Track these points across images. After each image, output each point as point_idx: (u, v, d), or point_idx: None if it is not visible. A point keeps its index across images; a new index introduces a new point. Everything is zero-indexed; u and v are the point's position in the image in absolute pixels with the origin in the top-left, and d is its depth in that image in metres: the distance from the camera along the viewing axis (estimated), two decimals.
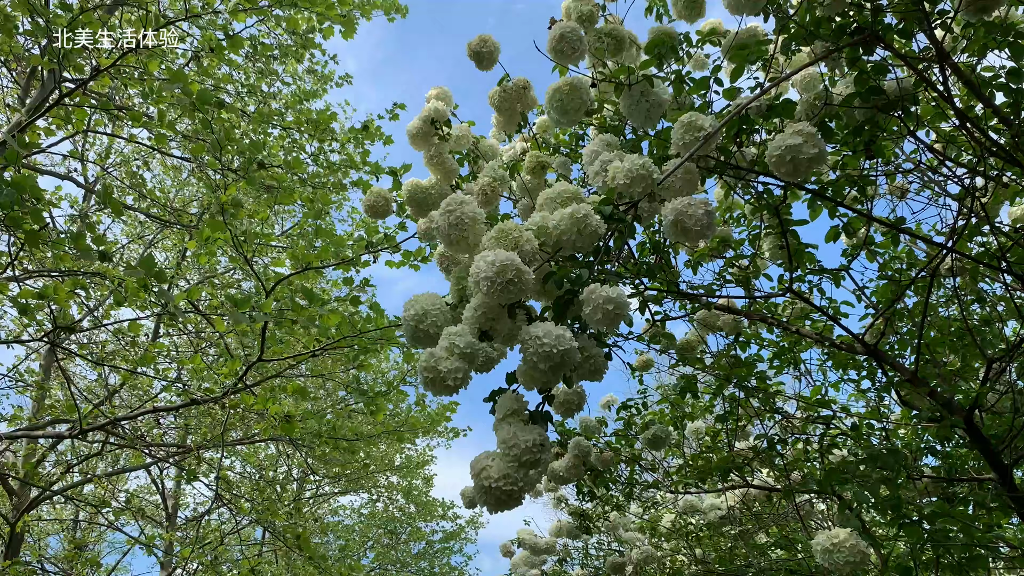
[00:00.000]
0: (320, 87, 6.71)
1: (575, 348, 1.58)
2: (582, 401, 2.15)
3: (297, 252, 4.25)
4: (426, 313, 1.80)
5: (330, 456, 7.62)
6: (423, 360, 1.65)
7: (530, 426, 1.64)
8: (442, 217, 1.88)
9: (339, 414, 7.25)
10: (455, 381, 1.65)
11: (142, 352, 5.59)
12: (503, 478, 1.56)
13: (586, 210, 1.79)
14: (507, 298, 1.64)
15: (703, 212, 1.88)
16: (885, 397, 3.93)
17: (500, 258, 1.61)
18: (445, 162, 2.75)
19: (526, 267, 1.65)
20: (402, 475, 12.53)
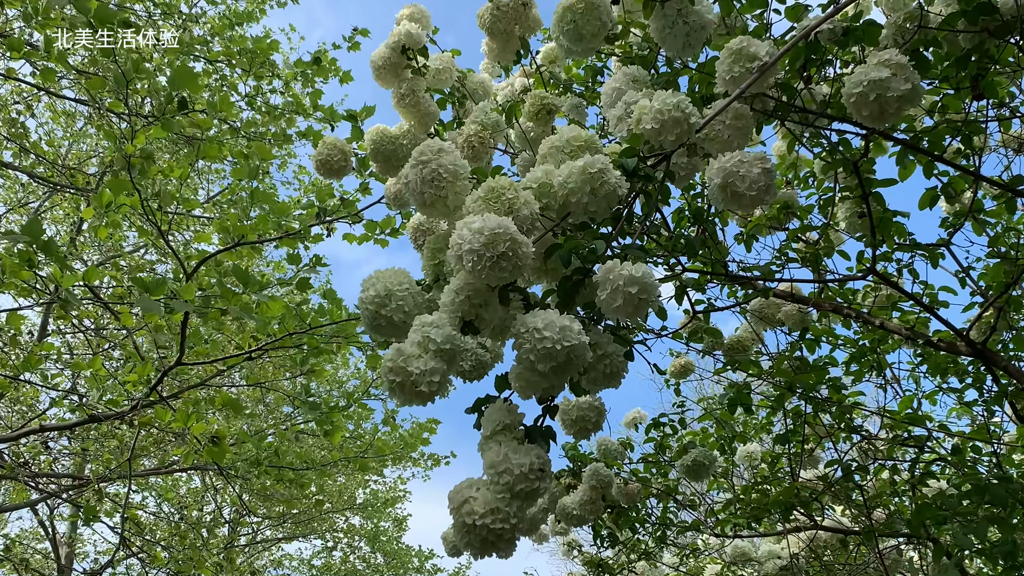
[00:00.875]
0: (257, 7, 6.69)
1: (585, 344, 1.58)
2: (601, 417, 2.16)
3: (227, 223, 4.24)
4: (390, 295, 1.78)
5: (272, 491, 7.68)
6: (388, 358, 1.64)
7: (526, 446, 1.64)
8: (413, 170, 1.87)
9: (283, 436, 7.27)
10: (430, 386, 1.63)
11: (25, 354, 5.59)
12: (490, 513, 1.56)
13: (603, 163, 1.78)
14: (499, 277, 1.63)
15: (759, 171, 1.88)
16: (996, 411, 3.95)
17: (490, 225, 1.60)
18: (420, 103, 2.75)
19: (523, 237, 1.64)
20: (367, 515, 12.60)
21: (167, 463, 7.73)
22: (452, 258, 1.67)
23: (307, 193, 7.09)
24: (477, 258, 1.60)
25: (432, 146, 1.88)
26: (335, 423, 5.25)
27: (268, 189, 6.20)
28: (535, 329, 1.57)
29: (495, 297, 1.76)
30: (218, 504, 10.69)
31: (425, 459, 10.80)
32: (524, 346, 1.58)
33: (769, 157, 1.91)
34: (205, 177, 8.20)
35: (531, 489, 1.58)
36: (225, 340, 6.48)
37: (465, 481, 1.64)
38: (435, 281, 2.04)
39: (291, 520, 11.21)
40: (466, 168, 1.91)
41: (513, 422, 1.71)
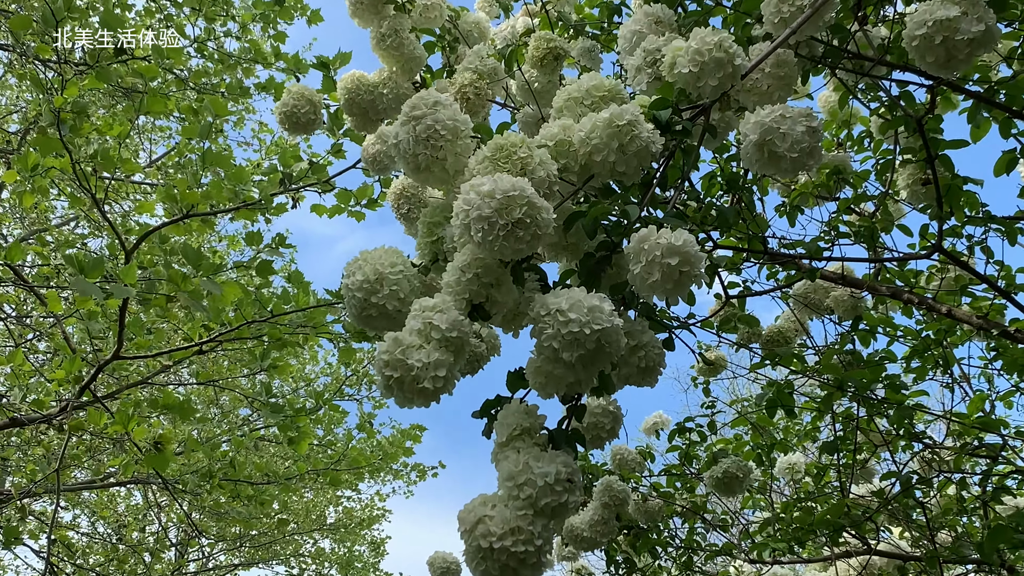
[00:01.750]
0: None
1: (619, 328, 1.57)
2: (617, 423, 2.14)
3: (174, 191, 4.23)
4: (381, 279, 1.76)
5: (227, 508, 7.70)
6: (383, 350, 1.62)
7: (551, 452, 1.63)
8: (404, 128, 1.84)
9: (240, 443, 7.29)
10: (434, 382, 1.61)
11: None
12: (511, 534, 1.54)
13: (633, 114, 1.76)
14: (514, 249, 1.61)
15: (803, 128, 1.87)
16: None
17: (503, 186, 1.59)
18: (404, 46, 2.73)
19: (543, 200, 1.63)
20: (339, 538, 12.63)
21: (102, 475, 7.73)
22: (457, 228, 1.65)
23: (269, 156, 7.08)
24: (488, 226, 1.59)
25: (426, 98, 1.86)
26: (301, 429, 5.25)
27: (222, 151, 6.17)
28: (558, 311, 1.56)
29: (508, 275, 1.75)
30: (163, 524, 10.70)
31: (408, 471, 10.81)
32: (546, 331, 1.57)
33: (816, 113, 1.91)
34: (147, 136, 8.19)
35: (558, 503, 1.56)
36: (171, 330, 6.48)
37: (478, 498, 1.62)
38: (433, 262, 2.00)
39: (249, 543, 11.23)
40: (468, 124, 1.89)
41: (533, 425, 1.70)
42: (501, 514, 1.56)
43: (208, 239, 8.16)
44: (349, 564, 12.88)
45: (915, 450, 3.96)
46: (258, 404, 6.52)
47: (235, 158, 6.17)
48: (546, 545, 1.57)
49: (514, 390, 1.83)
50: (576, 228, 1.76)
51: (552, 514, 1.56)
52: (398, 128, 1.88)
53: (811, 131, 1.87)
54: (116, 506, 9.89)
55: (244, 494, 6.46)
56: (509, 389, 1.83)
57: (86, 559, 8.26)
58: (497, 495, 1.61)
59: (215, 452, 6.08)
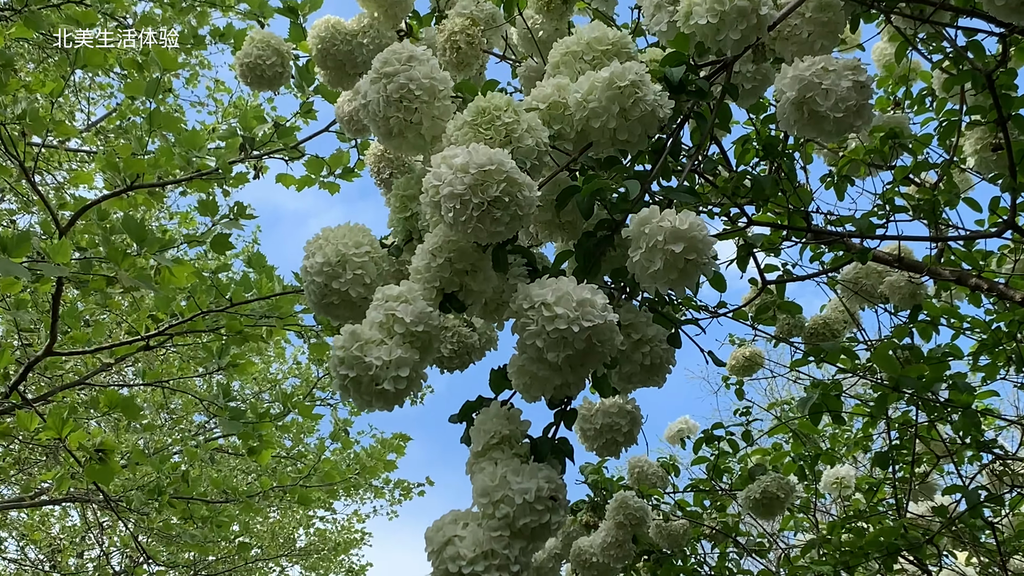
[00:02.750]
0: None
1: (613, 325, 1.59)
2: (635, 427, 2.17)
3: (116, 158, 4.24)
4: (344, 261, 1.79)
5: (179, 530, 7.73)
6: (338, 345, 1.65)
7: (533, 465, 1.66)
8: (374, 86, 1.87)
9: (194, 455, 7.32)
10: (395, 383, 1.64)
11: None
12: (483, 558, 1.57)
13: (636, 74, 1.78)
14: (491, 232, 1.63)
15: (849, 84, 1.88)
16: None
17: (478, 159, 1.60)
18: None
19: (525, 176, 1.65)
20: (310, 564, 12.67)
21: (33, 492, 7.77)
22: (427, 206, 1.67)
23: (227, 118, 7.08)
24: (460, 205, 1.60)
25: (399, 52, 1.88)
26: (264, 437, 5.26)
27: (172, 112, 6.18)
28: (543, 304, 1.57)
29: (487, 260, 1.77)
30: (104, 548, 10.77)
31: (391, 488, 10.84)
32: (528, 328, 1.58)
33: (866, 66, 1.91)
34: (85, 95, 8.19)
35: (538, 524, 1.58)
36: (113, 322, 6.49)
37: (449, 514, 1.65)
38: (407, 241, 2.03)
39: (205, 571, 11.26)
40: (447, 83, 1.91)
41: (514, 433, 1.72)
42: (473, 535, 1.58)
43: (156, 216, 8.18)
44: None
45: (984, 461, 3.97)
46: (215, 409, 6.54)
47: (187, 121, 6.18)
48: (523, 571, 1.60)
49: (498, 391, 1.86)
50: (570, 204, 1.78)
51: (531, 536, 1.59)
52: (367, 83, 1.90)
53: (859, 86, 1.87)
54: (49, 528, 9.94)
55: (198, 514, 6.48)
56: (492, 390, 1.87)
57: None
58: (471, 512, 1.64)
59: (165, 465, 6.08)
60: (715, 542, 4.40)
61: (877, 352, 3.54)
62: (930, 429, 3.81)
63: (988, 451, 3.84)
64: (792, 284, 3.85)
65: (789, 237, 3.61)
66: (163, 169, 4.32)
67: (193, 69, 7.62)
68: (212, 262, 5.28)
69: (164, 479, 5.98)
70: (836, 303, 4.00)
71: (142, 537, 8.45)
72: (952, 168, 3.45)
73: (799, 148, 3.75)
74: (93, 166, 6.38)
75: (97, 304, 5.03)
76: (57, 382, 6.17)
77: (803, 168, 3.87)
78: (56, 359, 5.48)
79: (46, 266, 3.58)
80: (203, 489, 6.46)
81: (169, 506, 6.08)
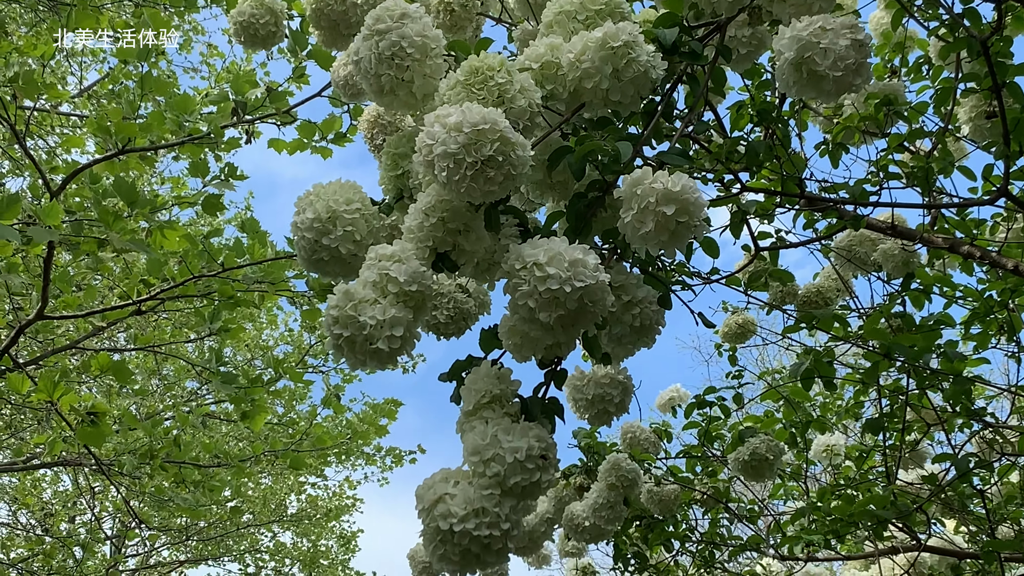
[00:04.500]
0: None
1: (604, 285, 1.60)
2: (626, 396, 2.18)
3: (108, 122, 4.23)
4: (334, 217, 1.80)
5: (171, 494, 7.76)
6: (332, 305, 1.66)
7: (523, 424, 1.67)
8: (366, 43, 1.87)
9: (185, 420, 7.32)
10: (389, 343, 1.64)
11: None
12: (474, 515, 1.58)
13: (629, 35, 1.79)
14: (484, 191, 1.64)
15: (847, 43, 1.88)
16: None
17: (471, 118, 1.61)
18: None
19: (519, 136, 1.65)
20: (301, 531, 12.71)
21: (25, 456, 7.77)
22: (420, 165, 1.67)
23: (219, 83, 7.05)
24: (454, 164, 1.60)
25: (392, 9, 1.87)
26: (256, 402, 5.27)
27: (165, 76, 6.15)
28: (535, 264, 1.57)
29: (479, 219, 1.77)
30: (96, 513, 10.79)
31: (382, 455, 10.87)
32: (520, 288, 1.59)
33: (863, 24, 1.91)
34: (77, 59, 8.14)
35: (529, 483, 1.60)
36: (104, 286, 6.48)
37: (439, 472, 1.66)
38: (398, 199, 2.02)
39: (197, 536, 11.29)
40: (439, 41, 1.90)
41: (504, 392, 1.73)
42: (464, 493, 1.60)
43: (148, 180, 8.15)
44: (314, 561, 12.94)
45: (974, 429, 3.98)
46: (207, 374, 6.54)
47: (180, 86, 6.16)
48: (513, 529, 1.61)
49: (488, 350, 1.87)
50: (562, 164, 1.78)
51: (521, 494, 1.61)
52: (359, 42, 1.90)
53: (857, 45, 1.87)
54: (41, 492, 9.95)
55: (191, 479, 6.49)
56: (483, 349, 1.88)
57: (7, 553, 8.32)
58: (461, 471, 1.65)
59: (156, 429, 6.09)
60: (706, 508, 4.42)
61: (868, 323, 3.55)
62: (921, 397, 3.81)
63: (978, 419, 3.85)
64: (785, 251, 3.86)
65: (782, 204, 3.62)
66: (155, 133, 4.31)
67: (186, 35, 7.60)
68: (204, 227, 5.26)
69: (156, 443, 5.99)
70: (829, 271, 4.01)
71: (134, 502, 8.47)
72: (946, 136, 3.45)
73: (794, 115, 3.75)
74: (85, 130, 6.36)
75: (89, 268, 5.01)
76: (48, 346, 6.17)
77: (798, 135, 3.87)
78: (48, 323, 5.47)
79: (36, 229, 3.57)
80: (195, 454, 6.46)
81: (161, 470, 6.08)
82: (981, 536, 4.03)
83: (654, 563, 4.62)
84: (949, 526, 4.41)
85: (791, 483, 4.80)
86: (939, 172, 3.43)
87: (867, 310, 3.92)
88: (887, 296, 3.77)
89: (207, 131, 4.39)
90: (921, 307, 3.69)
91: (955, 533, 4.39)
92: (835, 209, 3.57)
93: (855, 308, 4.05)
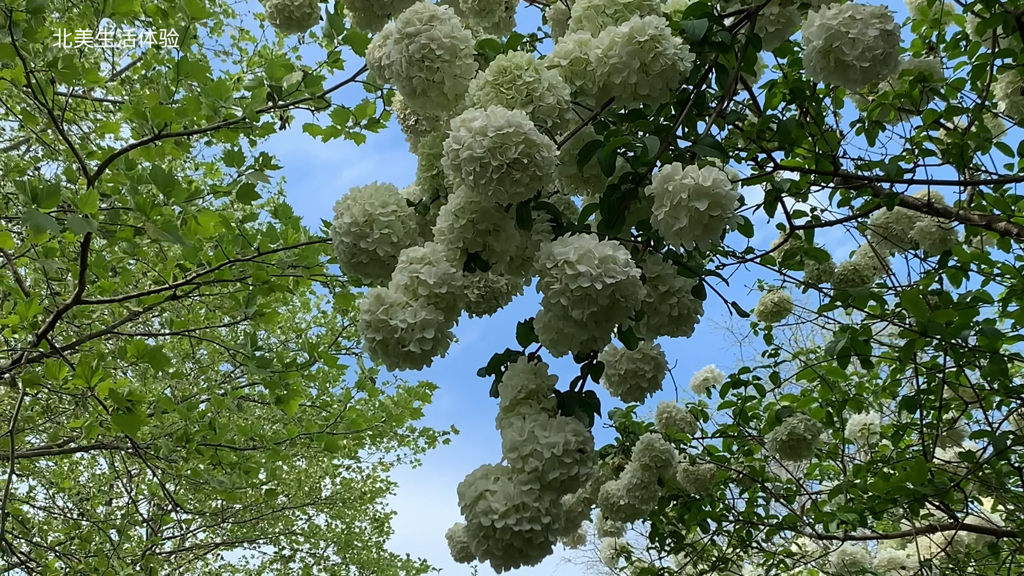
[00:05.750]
0: None
1: (636, 280, 1.62)
2: (659, 372, 2.20)
3: (143, 108, 4.27)
4: (371, 221, 1.83)
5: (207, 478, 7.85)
6: (366, 307, 1.70)
7: (560, 419, 1.70)
8: (397, 47, 1.90)
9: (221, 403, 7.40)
10: (421, 345, 1.69)
11: None
12: (514, 511, 1.61)
13: (656, 29, 1.81)
14: (511, 193, 1.67)
15: (876, 33, 1.89)
16: None
17: (495, 122, 1.64)
18: None
19: (544, 137, 1.67)
20: (335, 513, 12.75)
21: (61, 440, 7.84)
22: (448, 169, 1.71)
23: (251, 68, 7.08)
24: (480, 168, 1.64)
25: (421, 12, 1.90)
26: (291, 386, 5.30)
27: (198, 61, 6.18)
28: (566, 263, 1.60)
29: (509, 219, 1.81)
30: (132, 496, 10.87)
31: (416, 437, 10.89)
32: (552, 287, 1.61)
33: (892, 14, 1.91)
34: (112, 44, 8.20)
35: (567, 477, 1.63)
36: (139, 271, 6.54)
37: (480, 469, 1.70)
38: (434, 199, 2.07)
39: (233, 519, 11.36)
40: (468, 41, 1.93)
41: (541, 387, 1.76)
42: (504, 489, 1.63)
43: (182, 166, 8.20)
44: (348, 543, 12.97)
45: (1012, 407, 3.97)
46: (241, 358, 6.58)
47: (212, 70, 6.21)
48: (554, 523, 1.64)
49: (525, 344, 1.89)
50: (593, 159, 1.81)
51: (560, 489, 1.64)
52: (391, 43, 1.92)
53: (886, 35, 1.88)
54: (78, 476, 10.02)
55: (226, 461, 6.53)
56: (520, 342, 1.90)
57: (44, 536, 8.41)
58: (501, 467, 1.69)
59: (192, 413, 6.14)
60: (743, 487, 4.44)
61: (906, 296, 3.55)
62: (958, 375, 3.81)
63: (1016, 397, 3.85)
64: (821, 229, 3.86)
65: (817, 182, 3.62)
66: (189, 118, 4.34)
67: (217, 18, 7.62)
68: (238, 212, 5.30)
69: (191, 427, 6.04)
70: (865, 249, 4.01)
71: (170, 485, 8.53)
72: (984, 112, 3.44)
73: (829, 93, 3.74)
74: (119, 115, 6.40)
75: (125, 253, 5.07)
76: (85, 331, 6.23)
77: (833, 113, 3.87)
78: (84, 308, 5.54)
79: (74, 219, 3.61)
80: (230, 436, 6.51)
81: (197, 453, 6.14)
82: (1018, 514, 4.03)
83: (690, 542, 4.64)
84: (986, 504, 4.41)
85: (827, 463, 4.80)
86: (976, 149, 3.43)
87: (903, 288, 3.91)
88: (924, 274, 3.77)
89: (242, 116, 4.43)
90: (958, 284, 3.69)
91: (992, 511, 4.39)
92: (871, 187, 3.57)
93: (891, 286, 4.05)
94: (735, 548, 4.76)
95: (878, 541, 4.89)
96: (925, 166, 3.45)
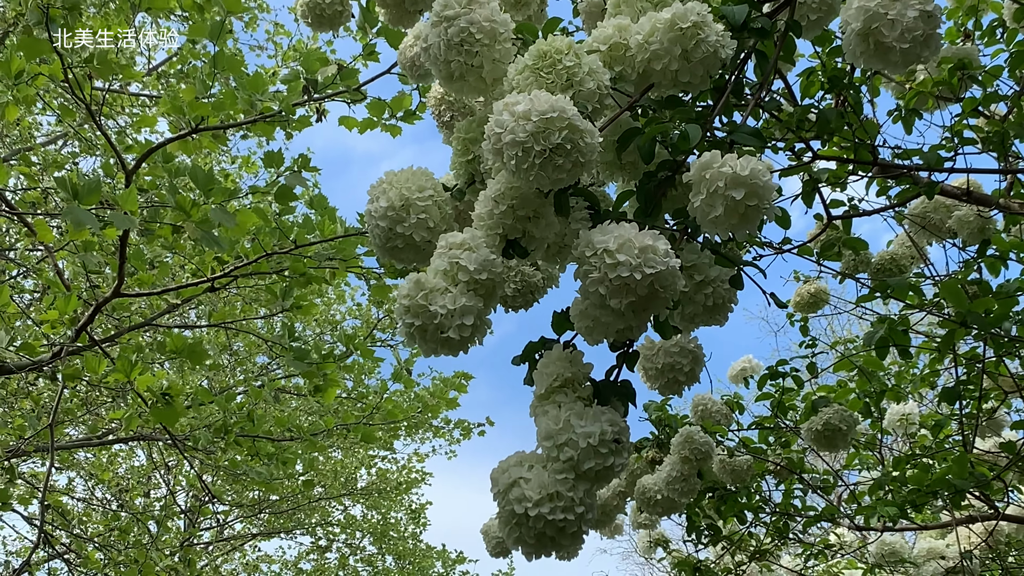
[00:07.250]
0: None
1: (675, 271, 1.61)
2: (697, 365, 2.20)
3: (181, 101, 4.29)
4: (408, 205, 1.82)
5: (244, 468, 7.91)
6: (403, 294, 1.69)
7: (596, 408, 1.69)
8: (435, 30, 1.89)
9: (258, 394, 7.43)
10: (460, 331, 1.68)
11: None
12: (548, 500, 1.60)
13: (698, 15, 1.79)
14: (553, 179, 1.66)
15: (916, 14, 1.86)
16: None
17: (539, 107, 1.62)
18: None
19: (587, 123, 1.66)
20: (371, 504, 12.81)
21: (101, 432, 7.89)
22: (489, 153, 1.69)
23: (286, 62, 7.11)
24: (523, 153, 1.62)
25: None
26: (328, 377, 5.31)
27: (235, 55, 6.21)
28: (605, 251, 1.59)
29: (548, 206, 1.79)
30: (170, 488, 10.93)
31: (451, 428, 10.90)
32: (591, 275, 1.60)
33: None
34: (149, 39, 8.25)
35: (603, 467, 1.62)
36: (176, 263, 6.58)
37: (514, 456, 1.69)
38: (469, 184, 2.05)
39: (270, 510, 11.41)
40: (507, 25, 1.91)
41: (576, 376, 1.75)
42: (539, 477, 1.62)
43: (218, 159, 8.24)
44: (384, 534, 13.04)
45: None
46: (278, 349, 6.62)
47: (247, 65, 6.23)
48: (588, 513, 1.63)
49: (561, 332, 1.87)
50: (632, 147, 1.80)
51: (595, 479, 1.63)
52: (428, 28, 1.92)
53: (926, 16, 1.86)
54: (117, 467, 10.08)
55: (263, 452, 6.55)
56: (555, 331, 1.88)
57: (83, 528, 8.47)
58: (535, 455, 1.68)
59: (230, 404, 6.17)
60: (780, 479, 4.43)
61: (945, 285, 3.54)
62: (998, 364, 3.80)
63: None
64: (858, 219, 3.84)
65: (855, 171, 3.60)
66: (226, 112, 4.36)
67: (252, 12, 7.64)
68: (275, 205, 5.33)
69: (229, 418, 6.08)
70: (903, 238, 3.99)
71: (207, 476, 8.59)
72: (1022, 100, 3.42)
73: (866, 81, 3.73)
74: (155, 110, 6.44)
75: (163, 247, 5.10)
76: (123, 324, 6.27)
77: (870, 102, 3.85)
78: (122, 301, 5.58)
79: (115, 216, 3.63)
80: (268, 427, 6.55)
81: (234, 444, 6.18)
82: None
83: (727, 534, 4.64)
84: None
85: (865, 453, 4.79)
86: (1015, 136, 3.41)
87: (942, 277, 3.89)
88: (962, 263, 3.75)
89: (279, 109, 4.44)
90: (997, 273, 3.67)
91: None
92: (909, 176, 3.56)
93: (930, 276, 4.03)
94: (773, 540, 4.75)
95: (917, 532, 4.87)
96: (964, 154, 3.43)
